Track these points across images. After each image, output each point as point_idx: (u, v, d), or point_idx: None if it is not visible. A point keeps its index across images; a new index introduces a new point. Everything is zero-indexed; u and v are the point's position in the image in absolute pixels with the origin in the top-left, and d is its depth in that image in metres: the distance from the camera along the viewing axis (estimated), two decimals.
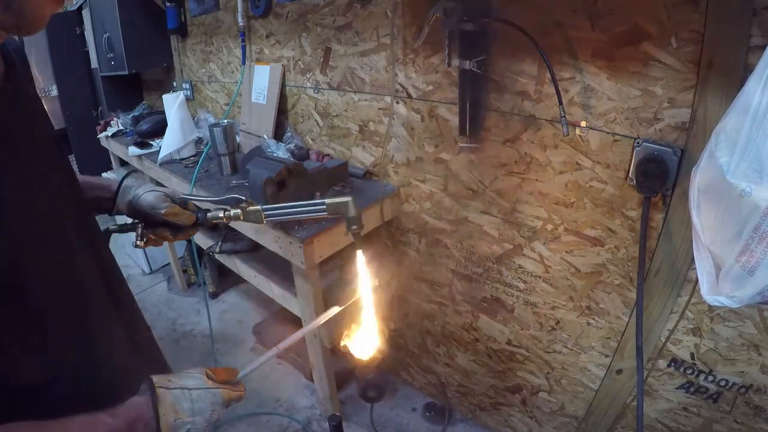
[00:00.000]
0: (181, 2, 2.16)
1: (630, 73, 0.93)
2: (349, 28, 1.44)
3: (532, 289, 1.29)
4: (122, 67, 2.31)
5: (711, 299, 0.69)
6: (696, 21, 0.82)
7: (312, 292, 1.35)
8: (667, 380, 1.11)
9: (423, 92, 1.31)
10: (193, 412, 0.58)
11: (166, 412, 0.55)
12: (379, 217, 1.46)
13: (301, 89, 1.72)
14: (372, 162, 1.56)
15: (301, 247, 1.23)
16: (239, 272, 1.70)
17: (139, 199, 0.79)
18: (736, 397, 1.02)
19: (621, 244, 1.07)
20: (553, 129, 1.09)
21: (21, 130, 0.56)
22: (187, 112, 1.94)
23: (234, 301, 2.52)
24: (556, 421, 1.44)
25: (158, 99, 2.47)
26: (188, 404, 0.58)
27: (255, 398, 1.85)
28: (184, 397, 0.58)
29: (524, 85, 1.10)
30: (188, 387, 0.59)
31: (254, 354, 2.11)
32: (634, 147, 0.96)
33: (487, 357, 1.52)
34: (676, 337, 1.05)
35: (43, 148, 0.61)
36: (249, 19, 1.81)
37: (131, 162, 2.23)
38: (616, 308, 1.14)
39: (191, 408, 0.58)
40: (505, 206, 1.25)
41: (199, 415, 0.58)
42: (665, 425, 1.17)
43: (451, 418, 1.71)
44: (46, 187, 0.59)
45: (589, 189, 1.08)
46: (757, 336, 0.94)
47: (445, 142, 1.32)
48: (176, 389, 0.58)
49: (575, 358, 1.28)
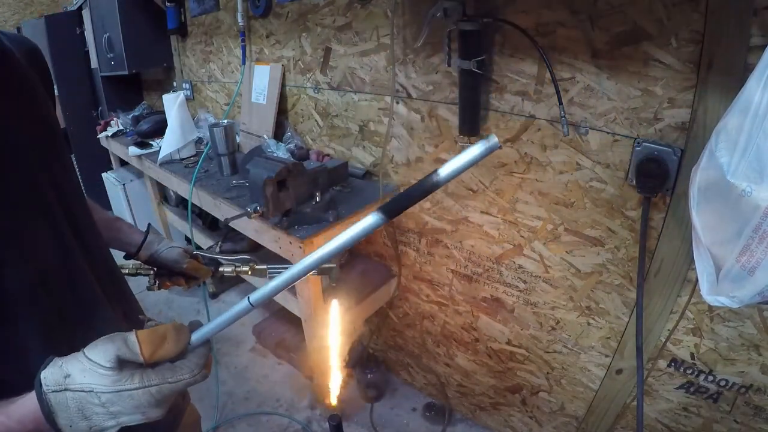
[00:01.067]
0: (181, 2, 2.16)
1: (630, 73, 0.93)
2: (349, 28, 1.44)
3: (532, 289, 1.29)
4: (122, 67, 2.31)
5: (711, 299, 0.69)
6: (696, 21, 0.82)
7: (312, 292, 1.35)
8: (667, 380, 1.11)
9: (423, 92, 1.31)
10: (112, 415, 0.43)
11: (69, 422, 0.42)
12: None
13: (301, 89, 1.72)
14: (372, 162, 1.56)
15: (301, 247, 1.23)
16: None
17: (161, 254, 0.89)
18: (736, 397, 1.02)
19: (621, 244, 1.07)
20: (553, 129, 1.09)
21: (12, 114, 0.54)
22: (187, 112, 1.94)
23: (234, 301, 2.52)
24: (556, 421, 1.44)
25: (158, 99, 2.47)
26: (101, 409, 0.42)
27: (255, 398, 1.85)
28: (91, 401, 0.42)
29: (524, 85, 1.10)
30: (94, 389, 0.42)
31: (254, 354, 2.11)
32: (634, 147, 0.96)
33: (487, 357, 1.52)
34: (676, 337, 1.05)
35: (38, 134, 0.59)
36: (249, 19, 1.81)
37: (131, 162, 2.24)
38: (616, 308, 1.14)
39: (106, 412, 0.42)
40: (505, 206, 1.25)
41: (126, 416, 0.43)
42: (665, 425, 1.17)
43: (451, 418, 1.71)
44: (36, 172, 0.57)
45: (589, 189, 1.08)
46: (757, 336, 0.94)
47: (445, 142, 1.32)
48: (78, 392, 0.42)
49: (575, 358, 1.28)
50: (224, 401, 1.84)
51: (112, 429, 0.43)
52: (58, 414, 0.42)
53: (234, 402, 1.84)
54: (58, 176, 0.61)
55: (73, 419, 0.42)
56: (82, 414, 0.42)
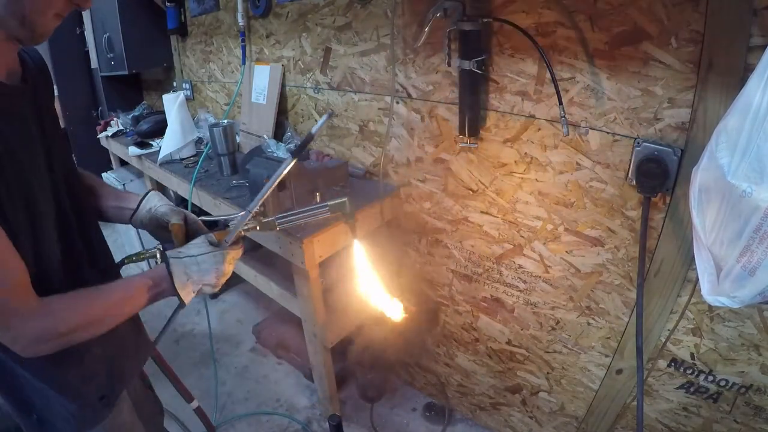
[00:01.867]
0: (181, 2, 2.16)
1: (630, 73, 0.93)
2: (349, 28, 1.44)
3: (532, 289, 1.29)
4: (122, 67, 2.31)
5: (711, 299, 0.69)
6: (696, 21, 0.82)
7: (312, 292, 1.35)
8: (667, 380, 1.11)
9: (423, 92, 1.31)
10: (201, 272, 0.76)
11: (178, 276, 0.75)
12: (379, 217, 1.46)
13: (301, 89, 1.72)
14: (372, 162, 1.56)
15: (301, 247, 1.23)
16: (239, 272, 1.70)
17: (158, 209, 0.92)
18: (736, 397, 1.02)
19: (621, 244, 1.07)
20: (553, 129, 1.09)
21: (36, 127, 0.70)
22: (187, 112, 1.94)
23: (234, 301, 2.52)
24: (556, 421, 1.44)
25: (158, 99, 2.47)
26: (195, 267, 0.76)
27: (255, 398, 1.86)
28: (191, 262, 0.76)
29: (524, 85, 1.10)
30: (193, 254, 0.76)
31: (254, 354, 2.11)
32: (634, 147, 0.96)
33: (487, 357, 1.52)
34: (676, 337, 1.05)
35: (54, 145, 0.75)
36: (249, 19, 1.81)
37: (131, 162, 2.24)
38: (616, 308, 1.14)
39: (198, 270, 0.76)
40: (505, 206, 1.25)
41: (207, 274, 0.76)
42: (665, 425, 1.17)
43: (451, 418, 1.71)
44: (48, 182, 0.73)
45: (589, 189, 1.08)
46: (757, 336, 0.94)
47: (445, 142, 1.32)
48: (185, 257, 0.76)
49: (575, 358, 1.28)
50: (224, 401, 1.84)
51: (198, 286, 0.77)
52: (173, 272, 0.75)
53: (234, 402, 1.84)
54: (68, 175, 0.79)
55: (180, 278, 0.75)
56: (185, 272, 0.75)
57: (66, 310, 0.67)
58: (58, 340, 0.66)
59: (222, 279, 0.78)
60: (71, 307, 0.67)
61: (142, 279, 0.74)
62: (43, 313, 0.65)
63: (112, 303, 0.71)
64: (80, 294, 0.69)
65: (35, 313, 0.64)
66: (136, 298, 0.73)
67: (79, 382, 0.80)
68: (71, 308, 0.67)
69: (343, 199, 0.87)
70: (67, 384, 0.79)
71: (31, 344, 0.65)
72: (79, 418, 0.81)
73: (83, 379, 0.81)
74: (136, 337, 0.98)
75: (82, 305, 0.68)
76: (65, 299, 0.67)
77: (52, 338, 0.66)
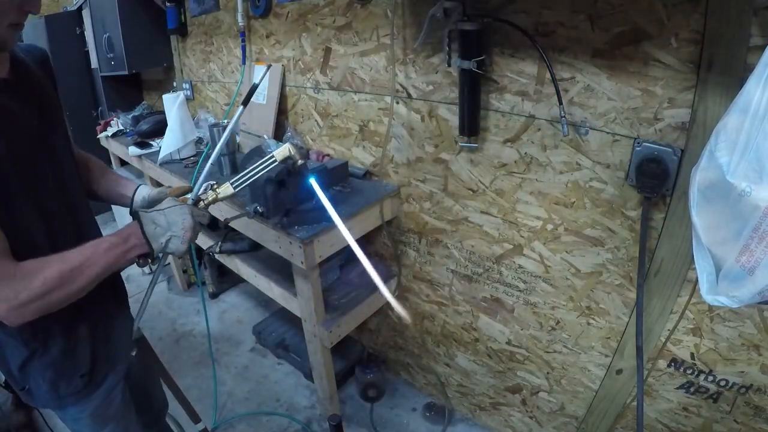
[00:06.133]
0: (181, 2, 2.16)
1: (630, 73, 0.93)
2: (349, 28, 1.44)
3: (532, 289, 1.29)
4: (122, 67, 2.31)
5: (711, 299, 0.69)
6: (696, 21, 0.82)
7: (312, 292, 1.35)
8: (667, 380, 1.12)
9: (423, 92, 1.31)
10: (168, 222, 0.82)
11: (147, 226, 0.81)
12: (379, 217, 1.46)
13: (301, 89, 1.72)
14: (372, 162, 1.56)
15: (301, 247, 1.23)
16: (239, 272, 1.70)
17: (151, 195, 1.01)
18: (736, 397, 1.02)
19: (621, 244, 1.07)
20: (553, 129, 1.09)
21: (25, 116, 0.75)
22: (187, 112, 1.94)
23: (234, 301, 2.52)
24: (556, 421, 1.44)
25: (158, 99, 2.47)
26: (162, 217, 0.82)
27: (255, 398, 1.86)
28: (158, 215, 0.82)
29: (524, 85, 1.10)
30: (160, 208, 0.83)
31: (254, 354, 2.11)
32: (634, 147, 0.96)
33: (487, 357, 1.52)
34: (676, 337, 1.05)
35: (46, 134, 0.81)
36: (249, 19, 1.81)
37: (131, 162, 2.23)
38: (616, 308, 1.14)
39: (166, 220, 0.82)
40: (505, 206, 1.25)
41: (174, 225, 0.82)
42: (665, 425, 1.17)
43: (451, 418, 1.71)
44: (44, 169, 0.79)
45: (589, 189, 1.08)
46: (757, 336, 0.94)
47: (445, 142, 1.32)
48: (152, 211, 0.82)
49: (575, 358, 1.28)
50: (224, 401, 1.84)
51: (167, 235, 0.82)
52: (143, 221, 0.81)
53: (234, 402, 1.84)
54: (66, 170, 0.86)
55: (149, 227, 0.81)
56: (153, 221, 0.81)
57: (40, 269, 0.70)
58: (38, 302, 0.70)
59: (188, 233, 0.82)
60: (45, 266, 0.71)
61: (112, 235, 0.80)
62: (20, 275, 0.69)
63: (84, 258, 0.74)
64: (53, 256, 0.73)
65: (13, 276, 0.68)
66: (108, 252, 0.77)
67: (60, 354, 0.85)
68: (45, 267, 0.71)
69: (284, 145, 0.94)
70: (48, 352, 0.84)
71: (12, 308, 0.68)
72: (52, 386, 0.86)
73: (64, 353, 0.86)
74: (126, 326, 1.01)
75: (55, 263, 0.72)
76: (39, 260, 0.71)
77: (30, 299, 0.69)
